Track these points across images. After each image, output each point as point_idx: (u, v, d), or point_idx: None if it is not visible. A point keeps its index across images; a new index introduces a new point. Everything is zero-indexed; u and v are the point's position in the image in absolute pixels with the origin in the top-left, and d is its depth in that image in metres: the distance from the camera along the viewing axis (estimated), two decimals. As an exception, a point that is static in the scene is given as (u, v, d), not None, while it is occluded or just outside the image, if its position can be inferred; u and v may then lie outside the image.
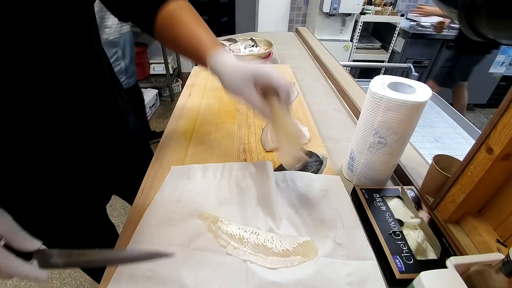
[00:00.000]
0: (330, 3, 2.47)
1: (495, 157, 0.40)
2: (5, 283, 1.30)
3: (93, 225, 0.70)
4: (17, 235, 0.35)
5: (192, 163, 0.64)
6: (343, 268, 0.43)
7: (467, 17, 0.27)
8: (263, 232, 0.48)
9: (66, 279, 1.33)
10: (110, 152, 0.62)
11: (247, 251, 0.45)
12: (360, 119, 0.55)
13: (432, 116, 1.28)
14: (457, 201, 0.46)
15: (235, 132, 0.75)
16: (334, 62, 1.23)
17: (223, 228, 0.49)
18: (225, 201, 0.54)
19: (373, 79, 0.53)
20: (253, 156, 0.67)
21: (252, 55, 1.18)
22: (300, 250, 0.45)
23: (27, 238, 0.35)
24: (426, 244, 0.47)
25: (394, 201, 0.54)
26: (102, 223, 0.75)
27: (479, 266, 0.35)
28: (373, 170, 0.56)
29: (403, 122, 0.48)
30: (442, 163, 0.53)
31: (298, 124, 0.68)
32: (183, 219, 0.50)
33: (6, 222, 0.34)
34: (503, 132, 0.38)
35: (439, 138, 1.12)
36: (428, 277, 0.34)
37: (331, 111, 0.90)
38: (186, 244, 0.46)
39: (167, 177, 0.59)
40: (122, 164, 0.68)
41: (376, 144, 0.52)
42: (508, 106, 0.37)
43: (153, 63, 2.79)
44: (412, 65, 1.67)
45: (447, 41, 2.51)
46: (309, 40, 1.53)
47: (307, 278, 0.41)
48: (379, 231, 0.47)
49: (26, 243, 0.35)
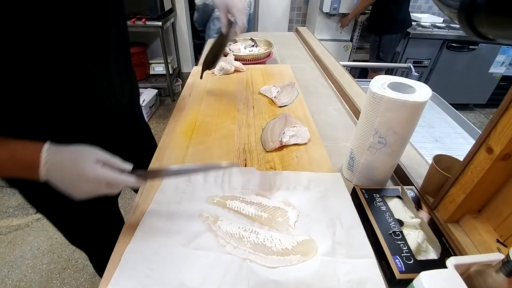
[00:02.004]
0: (330, 3, 2.47)
1: (495, 157, 0.40)
2: (5, 282, 1.30)
3: (106, 210, 0.75)
4: (114, 160, 0.46)
5: (192, 163, 0.64)
6: (342, 266, 0.43)
7: (467, 17, 0.27)
8: (263, 231, 0.48)
9: (66, 279, 1.33)
10: (123, 133, 0.67)
11: (246, 250, 0.45)
12: (360, 119, 0.55)
13: (432, 116, 1.28)
14: (457, 201, 0.46)
15: (235, 132, 0.75)
16: (334, 62, 1.23)
17: (223, 227, 0.49)
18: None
19: (373, 79, 0.53)
20: (253, 156, 0.67)
21: (252, 55, 1.18)
22: (299, 249, 0.45)
23: (121, 162, 0.46)
24: (426, 244, 0.47)
25: (394, 201, 0.54)
26: (114, 211, 0.80)
27: (479, 266, 0.35)
28: (373, 170, 0.56)
29: (403, 122, 0.48)
30: (442, 163, 0.53)
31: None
32: (183, 219, 0.50)
33: (103, 152, 0.45)
34: (503, 132, 0.38)
35: (439, 138, 1.12)
36: (428, 277, 0.34)
37: (331, 111, 0.90)
38: (186, 243, 0.46)
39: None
40: (131, 147, 0.72)
41: (376, 144, 0.52)
42: (508, 106, 0.38)
43: (153, 63, 2.78)
44: (412, 65, 1.67)
45: (447, 41, 2.51)
46: (309, 40, 1.53)
47: (307, 277, 0.42)
48: (379, 231, 0.47)
49: (123, 165, 0.46)
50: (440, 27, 2.58)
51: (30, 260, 1.40)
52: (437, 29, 2.54)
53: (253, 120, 0.81)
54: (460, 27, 0.28)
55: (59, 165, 0.42)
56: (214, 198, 0.55)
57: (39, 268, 1.37)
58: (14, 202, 1.70)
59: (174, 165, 0.63)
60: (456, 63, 2.61)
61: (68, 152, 0.43)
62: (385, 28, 2.29)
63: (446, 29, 2.55)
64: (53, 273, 1.35)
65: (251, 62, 1.19)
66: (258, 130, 0.76)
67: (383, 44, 2.35)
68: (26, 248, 1.45)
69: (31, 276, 1.33)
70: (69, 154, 0.43)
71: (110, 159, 0.45)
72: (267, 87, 0.96)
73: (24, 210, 1.66)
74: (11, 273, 1.34)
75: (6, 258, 1.40)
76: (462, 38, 2.48)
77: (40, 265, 1.38)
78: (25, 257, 1.41)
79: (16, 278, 1.32)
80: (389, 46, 2.36)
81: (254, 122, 0.80)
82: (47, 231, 1.54)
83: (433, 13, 3.01)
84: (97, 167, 0.43)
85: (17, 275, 1.33)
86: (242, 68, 1.11)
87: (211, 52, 0.85)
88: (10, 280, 1.32)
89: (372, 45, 2.48)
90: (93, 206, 0.64)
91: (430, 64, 2.67)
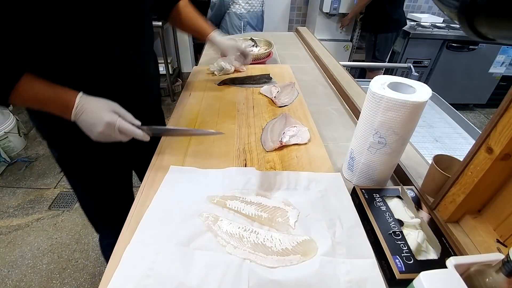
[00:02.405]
0: (330, 3, 2.47)
1: (495, 157, 0.40)
2: (5, 282, 1.30)
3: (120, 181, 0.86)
4: (128, 114, 0.58)
5: (192, 163, 0.64)
6: (342, 266, 0.43)
7: (467, 17, 0.27)
8: (263, 231, 0.48)
9: (66, 279, 1.33)
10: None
11: (246, 250, 0.45)
12: (360, 119, 0.55)
13: (432, 116, 1.28)
14: (457, 201, 0.46)
15: (235, 132, 0.75)
16: (334, 62, 1.23)
17: (222, 227, 0.49)
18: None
19: (373, 79, 0.53)
20: (253, 156, 0.67)
21: (252, 55, 1.18)
22: (299, 249, 0.45)
23: (133, 117, 0.59)
24: (426, 244, 0.47)
25: (394, 201, 0.54)
26: (127, 186, 0.90)
27: (479, 266, 0.35)
28: (373, 170, 0.56)
29: (403, 122, 0.48)
30: (442, 163, 0.53)
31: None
32: (183, 219, 0.50)
33: (120, 107, 0.58)
34: (503, 132, 0.38)
35: (439, 138, 1.12)
36: (428, 277, 0.34)
37: (331, 111, 0.90)
38: (186, 243, 0.46)
39: (166, 177, 0.59)
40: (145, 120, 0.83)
41: (376, 144, 0.52)
42: (508, 106, 0.37)
43: (153, 63, 2.78)
44: (412, 65, 1.66)
45: (447, 41, 2.51)
46: (309, 40, 1.53)
47: (307, 277, 0.42)
48: (379, 231, 0.47)
49: (134, 120, 0.59)
50: (440, 27, 2.58)
51: (30, 260, 1.40)
52: (437, 29, 2.54)
53: (253, 120, 0.81)
54: (460, 27, 0.28)
55: (85, 108, 0.55)
56: (214, 198, 0.55)
57: (39, 268, 1.37)
58: (14, 202, 1.71)
59: (174, 164, 0.63)
60: (456, 63, 2.61)
61: (95, 101, 0.56)
62: (381, 27, 2.31)
63: (446, 29, 2.54)
64: (53, 273, 1.35)
65: (251, 62, 1.18)
66: (258, 130, 0.76)
67: (379, 43, 2.36)
68: (26, 248, 1.45)
69: (31, 276, 1.33)
70: (95, 103, 0.56)
71: (125, 113, 0.58)
72: (267, 87, 0.96)
73: (24, 210, 1.66)
74: (11, 273, 1.34)
75: (6, 258, 1.40)
76: (462, 38, 2.47)
77: (40, 265, 1.38)
78: (25, 257, 1.41)
79: (16, 278, 1.32)
80: (384, 45, 2.38)
81: (254, 122, 0.80)
82: (47, 231, 1.54)
83: (433, 13, 3.01)
84: (113, 115, 0.55)
85: (17, 275, 1.33)
86: (242, 68, 1.11)
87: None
88: (10, 280, 1.32)
89: (367, 44, 2.49)
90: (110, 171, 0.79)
91: (430, 64, 2.67)
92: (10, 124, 1.99)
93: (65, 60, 0.56)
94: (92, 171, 0.77)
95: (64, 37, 0.52)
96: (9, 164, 1.97)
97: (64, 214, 1.63)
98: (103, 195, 0.83)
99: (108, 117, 0.54)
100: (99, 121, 0.54)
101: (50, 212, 1.64)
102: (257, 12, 2.10)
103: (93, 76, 0.60)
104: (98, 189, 0.81)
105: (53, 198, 1.73)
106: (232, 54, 0.91)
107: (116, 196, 0.86)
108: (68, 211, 1.66)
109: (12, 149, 2.04)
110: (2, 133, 1.93)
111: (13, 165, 1.97)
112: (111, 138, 0.57)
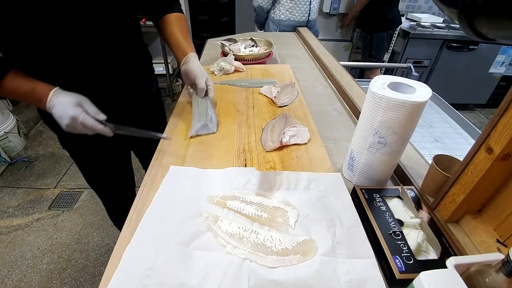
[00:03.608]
0: (330, 3, 2.47)
1: (495, 157, 0.40)
2: (5, 282, 1.30)
3: (118, 159, 0.92)
4: (92, 109, 0.62)
5: (192, 163, 0.64)
6: (342, 266, 0.43)
7: (467, 17, 0.27)
8: (263, 231, 0.48)
9: (66, 279, 1.33)
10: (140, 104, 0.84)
11: (246, 250, 0.45)
12: (360, 119, 0.55)
13: (432, 116, 1.28)
14: (457, 201, 0.46)
15: (235, 132, 0.75)
16: (334, 62, 1.23)
17: (222, 227, 0.49)
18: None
19: (373, 79, 0.53)
20: (253, 156, 0.67)
21: (252, 55, 1.18)
22: (299, 249, 0.45)
23: (99, 112, 0.63)
24: (426, 244, 0.47)
25: (394, 201, 0.54)
26: (127, 163, 0.97)
27: (479, 266, 0.35)
28: (373, 170, 0.56)
29: (403, 122, 0.48)
30: (442, 163, 0.53)
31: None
32: (183, 219, 0.50)
33: (87, 101, 0.62)
34: (503, 132, 0.38)
35: (439, 138, 1.12)
36: (428, 277, 0.34)
37: (331, 111, 0.90)
38: (186, 243, 0.46)
39: (166, 177, 0.59)
40: (145, 116, 0.87)
41: (376, 144, 0.52)
42: (508, 106, 0.38)
43: (154, 63, 2.77)
44: (412, 65, 1.66)
45: (447, 41, 2.51)
46: (309, 40, 1.53)
47: (307, 277, 0.42)
48: (379, 231, 0.47)
49: (98, 114, 0.63)
50: (440, 27, 2.58)
51: (30, 260, 1.40)
52: (437, 29, 2.54)
53: (253, 120, 0.81)
54: (460, 27, 0.28)
55: (56, 103, 0.59)
56: (214, 198, 0.55)
57: (39, 268, 1.37)
58: (14, 202, 1.71)
59: (174, 164, 0.63)
60: (456, 63, 2.61)
61: (64, 96, 0.60)
62: (376, 26, 2.32)
63: (446, 29, 2.54)
64: (53, 273, 1.35)
65: (251, 62, 1.19)
66: (258, 130, 0.76)
67: (374, 42, 2.38)
68: (26, 248, 1.45)
69: (31, 276, 1.33)
70: (64, 97, 0.60)
71: (90, 108, 0.62)
72: (267, 87, 0.96)
73: (24, 210, 1.66)
74: (11, 273, 1.34)
75: (6, 258, 1.40)
76: (462, 38, 2.47)
77: (40, 265, 1.38)
78: (25, 257, 1.41)
79: (16, 278, 1.32)
80: (381, 43, 2.39)
81: (254, 122, 0.80)
82: (47, 231, 1.54)
83: (433, 13, 3.01)
84: (77, 109, 0.59)
85: (17, 275, 1.33)
86: (242, 68, 1.11)
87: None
88: (10, 280, 1.32)
89: (363, 44, 2.51)
90: (107, 151, 0.85)
91: (430, 64, 2.67)
92: (10, 124, 1.99)
93: (42, 57, 0.60)
94: (92, 153, 0.82)
95: (38, 35, 0.56)
96: (9, 164, 1.97)
97: (64, 214, 1.64)
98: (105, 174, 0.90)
99: (72, 111, 0.59)
100: (65, 114, 0.59)
101: (50, 212, 1.65)
102: (298, 21, 1.97)
103: (69, 71, 0.64)
104: (99, 169, 0.88)
105: (53, 198, 1.74)
106: (188, 83, 0.83)
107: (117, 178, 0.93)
108: (68, 211, 1.66)
109: (12, 149, 2.04)
110: (2, 133, 1.93)
111: (13, 165, 1.97)
112: (77, 131, 0.61)
